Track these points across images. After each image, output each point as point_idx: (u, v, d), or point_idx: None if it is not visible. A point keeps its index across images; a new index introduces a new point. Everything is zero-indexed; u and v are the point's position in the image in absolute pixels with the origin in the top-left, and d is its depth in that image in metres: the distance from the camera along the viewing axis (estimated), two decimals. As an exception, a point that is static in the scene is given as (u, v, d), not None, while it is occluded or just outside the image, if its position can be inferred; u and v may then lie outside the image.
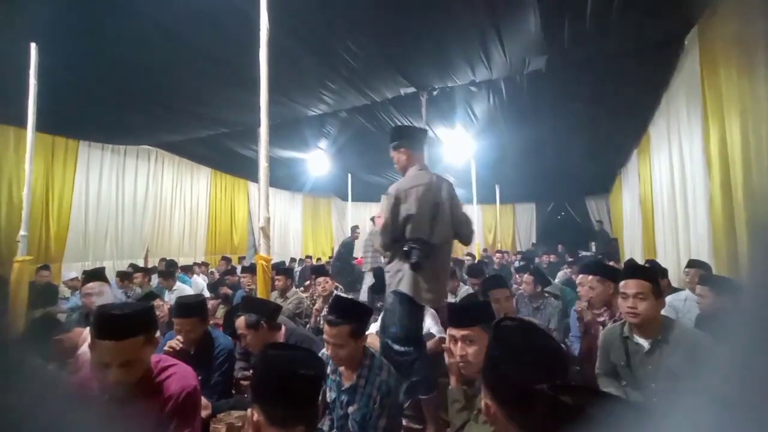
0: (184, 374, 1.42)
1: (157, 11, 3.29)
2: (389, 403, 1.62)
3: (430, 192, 2.18)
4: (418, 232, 2.12)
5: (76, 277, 5.90)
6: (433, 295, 2.17)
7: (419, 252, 2.06)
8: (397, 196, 2.18)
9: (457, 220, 2.26)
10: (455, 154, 7.58)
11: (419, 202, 2.14)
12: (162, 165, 8.26)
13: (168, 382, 1.37)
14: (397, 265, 2.18)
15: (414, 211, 2.13)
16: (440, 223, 2.17)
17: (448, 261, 2.31)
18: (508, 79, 4.82)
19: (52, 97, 3.88)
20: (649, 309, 1.74)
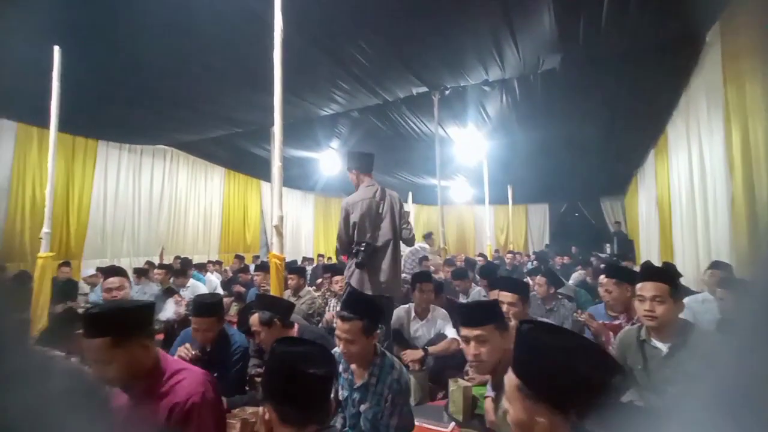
0: (193, 380, 1.38)
1: (173, 13, 3.35)
2: (401, 402, 1.62)
3: (373, 204, 2.72)
4: (362, 236, 2.66)
5: (96, 273, 6.06)
6: (374, 288, 2.63)
7: (364, 253, 2.59)
8: (347, 209, 2.75)
9: (398, 226, 2.77)
10: (467, 154, 7.54)
11: (363, 212, 2.68)
12: (177, 164, 8.41)
13: (177, 387, 1.35)
14: (350, 263, 2.74)
15: (358, 220, 2.66)
16: (382, 229, 2.69)
17: (390, 259, 2.71)
18: (521, 78, 4.77)
19: (73, 98, 3.98)
20: (668, 312, 1.70)
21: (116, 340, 1.26)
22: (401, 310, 3.09)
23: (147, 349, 1.34)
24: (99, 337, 1.24)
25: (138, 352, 1.30)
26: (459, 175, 9.81)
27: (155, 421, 1.31)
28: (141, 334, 1.33)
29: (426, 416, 2.23)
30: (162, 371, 1.37)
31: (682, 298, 1.83)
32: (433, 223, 14.41)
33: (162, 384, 1.35)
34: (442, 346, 2.70)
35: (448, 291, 3.93)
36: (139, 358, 1.31)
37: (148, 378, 1.35)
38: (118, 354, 1.26)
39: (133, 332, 1.30)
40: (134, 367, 1.30)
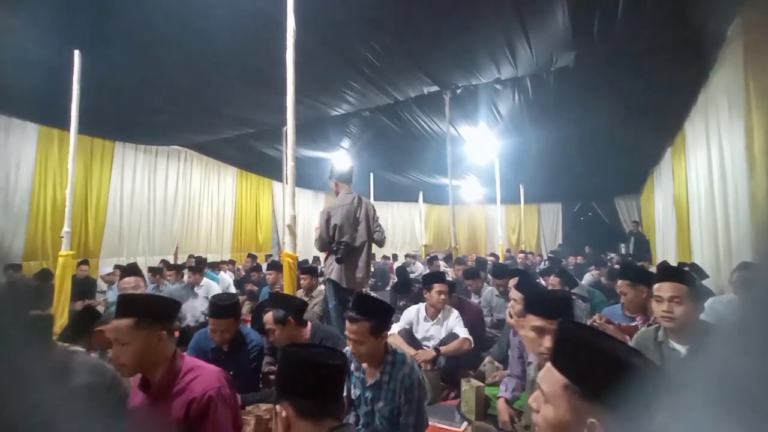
0: (208, 376, 1.42)
1: (187, 17, 3.41)
2: (415, 398, 1.63)
3: (351, 209, 3.14)
4: (342, 237, 3.06)
5: (113, 271, 6.21)
6: (350, 282, 3.06)
7: (343, 251, 3.00)
8: (329, 213, 3.18)
9: (372, 230, 3.18)
10: (479, 153, 7.49)
11: (343, 216, 3.10)
12: (191, 165, 8.55)
13: (193, 383, 1.39)
14: (330, 260, 3.11)
15: (339, 222, 3.09)
16: (359, 231, 3.12)
17: (365, 257, 3.14)
18: (534, 76, 4.72)
19: (91, 100, 4.07)
20: (686, 313, 1.66)
21: (138, 322, 1.36)
22: (411, 310, 3.08)
23: (163, 340, 1.40)
24: (125, 318, 1.36)
25: (154, 340, 1.37)
26: (470, 175, 9.75)
27: (174, 418, 1.34)
28: (160, 324, 1.41)
29: (438, 416, 2.23)
30: (178, 369, 1.42)
31: (701, 299, 1.79)
32: (444, 222, 14.36)
33: (178, 381, 1.39)
34: (454, 346, 2.70)
35: (460, 290, 3.92)
36: (154, 347, 1.38)
37: (164, 374, 1.39)
38: (136, 337, 1.35)
39: (154, 321, 1.39)
40: (148, 354, 1.37)
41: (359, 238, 3.07)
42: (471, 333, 2.83)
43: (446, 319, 2.91)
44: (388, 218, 13.91)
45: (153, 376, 1.40)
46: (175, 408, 1.35)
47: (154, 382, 1.39)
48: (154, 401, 1.39)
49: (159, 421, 1.37)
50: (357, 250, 3.05)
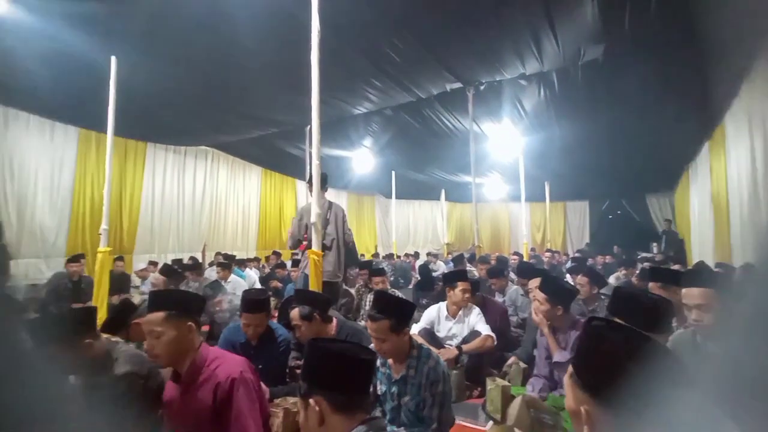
0: (231, 363, 1.50)
1: (215, 22, 3.51)
2: (440, 392, 1.64)
3: (323, 212, 3.38)
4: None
5: (146, 267, 6.49)
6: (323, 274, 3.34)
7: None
8: (301, 214, 3.54)
9: (339, 231, 3.52)
10: (502, 150, 7.37)
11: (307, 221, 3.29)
12: (218, 164, 8.81)
13: (217, 370, 1.46)
14: (304, 256, 3.39)
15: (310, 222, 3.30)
16: (328, 230, 3.43)
17: (335, 253, 3.45)
18: (560, 70, 4.61)
19: (125, 103, 4.25)
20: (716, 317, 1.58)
21: (168, 316, 1.44)
22: (432, 309, 3.07)
23: (192, 332, 1.48)
24: (156, 311, 1.45)
25: (183, 332, 1.46)
26: (493, 172, 9.60)
27: (203, 404, 1.42)
28: (189, 317, 1.49)
29: (462, 414, 2.22)
30: (203, 359, 1.50)
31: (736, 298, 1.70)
32: (467, 221, 14.20)
33: (204, 370, 1.48)
34: (476, 344, 2.67)
35: (483, 289, 3.87)
36: (183, 338, 1.46)
37: (192, 364, 1.47)
38: (168, 328, 1.43)
39: (183, 314, 1.47)
40: (179, 344, 1.45)
41: (328, 236, 3.45)
42: (496, 332, 2.80)
43: (467, 316, 2.89)
44: (410, 216, 13.89)
45: (182, 367, 1.48)
46: (203, 395, 1.43)
47: (183, 372, 1.47)
48: (185, 391, 1.47)
49: (190, 408, 1.44)
50: (328, 248, 3.44)
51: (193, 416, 1.44)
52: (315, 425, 0.93)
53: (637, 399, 0.62)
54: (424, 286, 4.69)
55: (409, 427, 1.60)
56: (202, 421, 1.42)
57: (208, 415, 1.41)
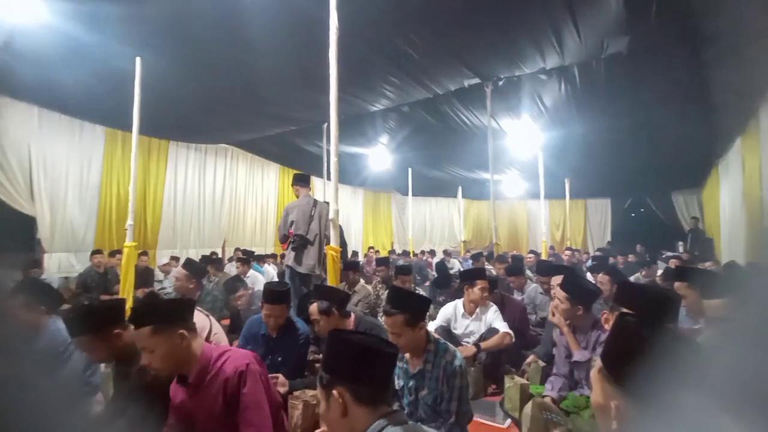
0: (237, 356, 1.49)
1: (234, 22, 3.55)
2: (457, 386, 1.64)
3: (306, 209, 3.81)
4: (298, 230, 3.74)
5: (169, 262, 6.69)
6: (303, 267, 3.71)
7: (297, 241, 3.70)
8: (287, 211, 3.89)
9: (322, 227, 3.78)
10: (521, 147, 7.25)
11: (298, 214, 3.79)
12: (237, 162, 8.97)
13: (224, 366, 1.45)
14: (288, 250, 3.80)
15: (295, 219, 3.78)
16: (311, 227, 3.74)
17: (317, 247, 3.74)
18: (582, 64, 4.49)
19: (148, 102, 4.37)
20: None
21: (155, 330, 1.39)
22: (449, 307, 3.06)
23: (185, 339, 1.43)
24: (141, 327, 1.40)
25: (175, 341, 1.41)
26: (512, 169, 9.46)
27: (215, 402, 1.42)
28: (177, 325, 1.43)
29: (480, 411, 2.21)
30: (208, 359, 1.48)
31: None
32: (484, 218, 14.05)
33: (210, 370, 1.47)
34: (494, 341, 2.66)
35: (502, 288, 3.83)
36: (177, 348, 1.41)
37: (198, 368, 1.46)
38: (158, 342, 1.39)
39: (170, 324, 1.42)
40: (174, 355, 1.41)
41: (311, 232, 3.72)
42: (515, 330, 2.77)
43: (484, 314, 2.87)
44: (426, 214, 13.84)
45: (188, 372, 1.46)
46: (213, 393, 1.43)
47: (190, 376, 1.46)
48: (194, 393, 1.46)
49: (202, 408, 1.45)
50: (309, 242, 3.72)
51: (206, 415, 1.44)
52: (337, 416, 0.94)
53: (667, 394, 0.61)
54: (441, 284, 4.67)
55: (427, 421, 1.61)
56: (215, 419, 1.43)
57: (220, 411, 1.42)
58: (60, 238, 5.91)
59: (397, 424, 0.92)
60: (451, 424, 1.60)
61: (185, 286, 3.28)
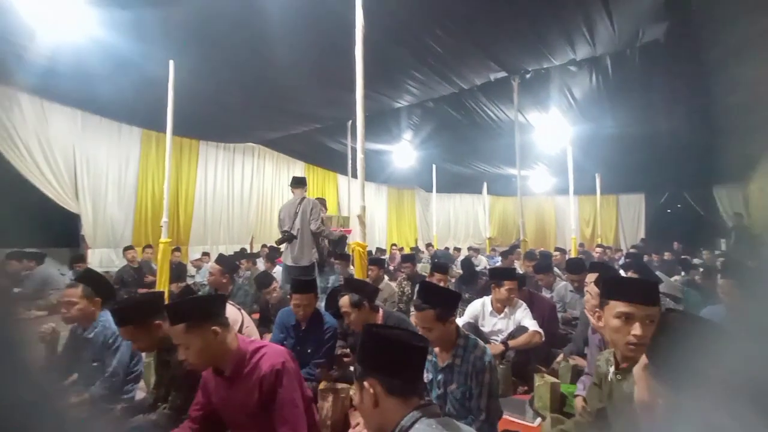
0: (273, 353, 1.51)
1: (262, 23, 3.62)
2: (486, 381, 1.63)
3: (293, 207, 4.21)
4: (284, 226, 4.21)
5: (200, 257, 6.94)
6: (291, 258, 4.14)
7: (284, 237, 4.17)
8: (280, 210, 4.38)
9: (307, 221, 4.10)
10: (549, 141, 7.06)
11: (285, 212, 4.26)
12: (264, 160, 9.19)
13: (260, 362, 1.48)
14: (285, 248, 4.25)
15: (282, 217, 4.27)
16: (295, 222, 4.14)
17: (300, 240, 4.11)
18: (615, 54, 4.32)
19: (180, 103, 4.54)
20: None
21: (188, 326, 1.43)
22: (476, 304, 3.02)
23: (218, 334, 1.46)
24: (176, 324, 1.44)
25: (209, 338, 1.44)
26: (539, 164, 9.23)
27: (250, 397, 1.47)
28: (209, 322, 1.46)
29: (509, 409, 2.19)
30: (244, 353, 1.52)
31: None
32: (510, 214, 13.79)
33: (246, 364, 1.50)
34: (523, 339, 2.61)
35: (530, 285, 3.76)
36: (211, 343, 1.44)
37: (232, 361, 1.50)
38: (192, 338, 1.43)
39: (202, 321, 1.45)
40: (209, 350, 1.45)
41: (295, 227, 4.11)
42: (544, 329, 2.71)
43: (513, 313, 2.82)
44: (450, 210, 13.72)
45: (224, 366, 1.50)
46: (249, 388, 1.47)
47: (226, 370, 1.50)
48: (230, 386, 1.51)
49: (237, 401, 1.50)
50: (293, 237, 4.12)
51: (240, 408, 1.49)
52: (370, 407, 0.96)
53: (714, 389, 0.59)
54: (468, 281, 4.63)
55: (456, 416, 1.61)
56: (250, 413, 1.47)
57: (255, 406, 1.45)
58: (101, 234, 6.26)
59: (430, 416, 0.93)
60: (481, 421, 1.59)
61: (219, 281, 3.41)
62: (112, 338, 2.11)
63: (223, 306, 1.59)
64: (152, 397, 1.89)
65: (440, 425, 0.92)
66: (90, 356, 2.14)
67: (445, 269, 3.70)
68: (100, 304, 2.20)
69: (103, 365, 2.10)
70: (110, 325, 2.07)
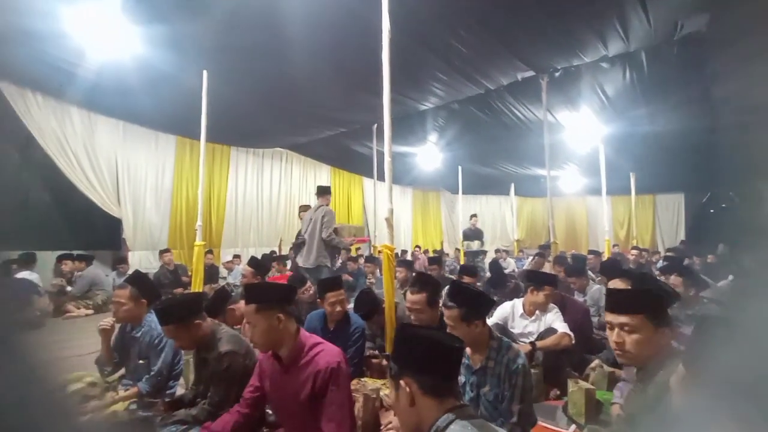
0: (330, 352, 1.59)
1: (289, 30, 3.72)
2: (519, 384, 1.61)
3: (310, 215, 4.59)
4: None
5: (231, 260, 7.18)
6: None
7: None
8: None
9: (318, 229, 4.39)
10: (580, 140, 6.85)
11: (304, 221, 4.70)
12: (291, 165, 9.40)
13: (317, 358, 1.56)
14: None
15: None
16: (308, 229, 4.47)
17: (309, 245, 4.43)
18: (651, 49, 4.15)
19: (212, 111, 4.72)
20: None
21: (258, 308, 1.57)
22: (506, 306, 2.98)
23: (281, 322, 1.57)
24: (248, 303, 1.59)
25: (273, 322, 1.56)
26: (569, 164, 8.96)
27: (303, 386, 1.54)
28: (277, 307, 1.58)
29: (542, 415, 2.13)
30: (302, 344, 1.61)
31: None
32: (538, 216, 13.44)
33: (304, 355, 1.59)
34: (551, 341, 2.54)
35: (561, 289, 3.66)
36: (274, 328, 1.56)
37: (291, 349, 1.59)
38: (259, 319, 1.56)
39: (270, 306, 1.57)
40: (271, 334, 1.56)
41: (308, 234, 4.43)
42: (577, 333, 2.64)
43: (544, 315, 2.76)
44: (476, 212, 13.51)
45: (282, 351, 1.60)
46: (303, 378, 1.55)
47: (283, 356, 1.60)
48: (285, 371, 1.60)
49: (290, 388, 1.58)
50: (306, 241, 4.44)
51: (292, 395, 1.56)
52: (406, 406, 0.97)
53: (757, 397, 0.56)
54: (497, 283, 4.55)
55: (489, 419, 1.60)
56: (299, 402, 1.53)
57: (306, 397, 1.52)
58: (140, 237, 6.59)
59: (464, 418, 0.93)
60: (512, 424, 1.57)
61: (251, 282, 3.51)
62: (157, 339, 2.23)
63: (290, 297, 1.74)
64: (192, 393, 1.98)
65: (475, 427, 0.92)
66: (137, 353, 2.27)
67: (473, 272, 3.65)
68: (146, 306, 2.32)
69: (149, 363, 2.22)
70: (156, 326, 2.19)
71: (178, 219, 7.17)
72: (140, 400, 2.10)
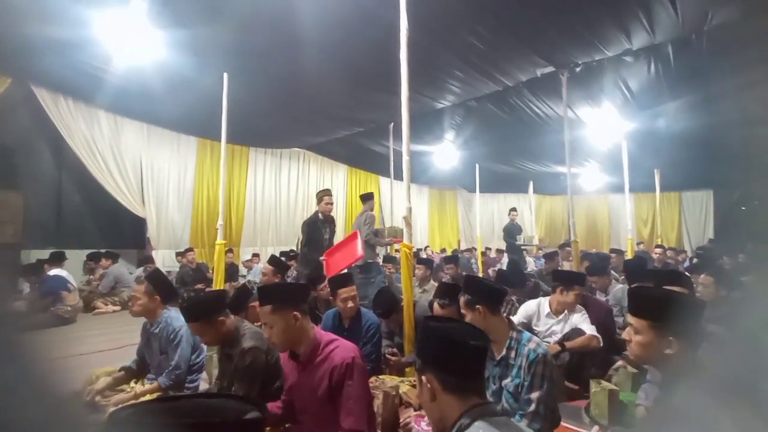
0: (345, 347, 1.61)
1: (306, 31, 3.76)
2: (539, 373, 1.59)
3: (356, 220, 4.90)
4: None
5: (251, 258, 7.32)
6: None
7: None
8: None
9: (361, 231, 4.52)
10: (601, 137, 6.68)
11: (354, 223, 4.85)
12: (308, 164, 9.50)
13: (333, 354, 1.58)
14: None
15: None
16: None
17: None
18: (677, 41, 4.01)
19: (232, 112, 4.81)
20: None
21: (273, 308, 1.58)
22: (531, 304, 2.95)
23: (298, 320, 1.58)
24: (264, 305, 1.61)
25: (290, 321, 1.57)
26: (590, 161, 8.75)
27: (320, 383, 1.57)
28: (292, 307, 1.59)
29: (564, 414, 2.10)
30: (318, 342, 1.63)
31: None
32: (558, 214, 13.18)
33: (319, 352, 1.61)
34: (580, 342, 2.50)
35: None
36: (291, 327, 1.57)
37: (307, 347, 1.61)
38: (276, 319, 1.57)
39: (286, 306, 1.59)
40: (289, 332, 1.58)
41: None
42: (600, 333, 2.58)
43: (571, 316, 2.71)
44: (494, 211, 13.36)
45: (299, 349, 1.63)
46: (320, 375, 1.57)
47: (300, 354, 1.63)
48: (302, 369, 1.63)
49: (307, 385, 1.61)
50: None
51: (310, 393, 1.59)
52: (428, 400, 0.98)
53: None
54: (516, 283, 4.47)
55: (511, 412, 1.59)
56: (317, 399, 1.56)
57: (324, 393, 1.54)
58: (164, 237, 6.79)
59: (488, 415, 0.93)
60: (531, 413, 1.54)
61: (271, 280, 3.59)
62: (173, 334, 2.30)
63: (305, 296, 1.77)
64: (217, 387, 2.03)
65: (498, 425, 0.91)
66: (158, 349, 2.35)
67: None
68: (160, 302, 2.40)
69: (168, 358, 2.30)
70: (172, 321, 2.27)
71: (199, 218, 7.35)
72: (164, 393, 2.17)
